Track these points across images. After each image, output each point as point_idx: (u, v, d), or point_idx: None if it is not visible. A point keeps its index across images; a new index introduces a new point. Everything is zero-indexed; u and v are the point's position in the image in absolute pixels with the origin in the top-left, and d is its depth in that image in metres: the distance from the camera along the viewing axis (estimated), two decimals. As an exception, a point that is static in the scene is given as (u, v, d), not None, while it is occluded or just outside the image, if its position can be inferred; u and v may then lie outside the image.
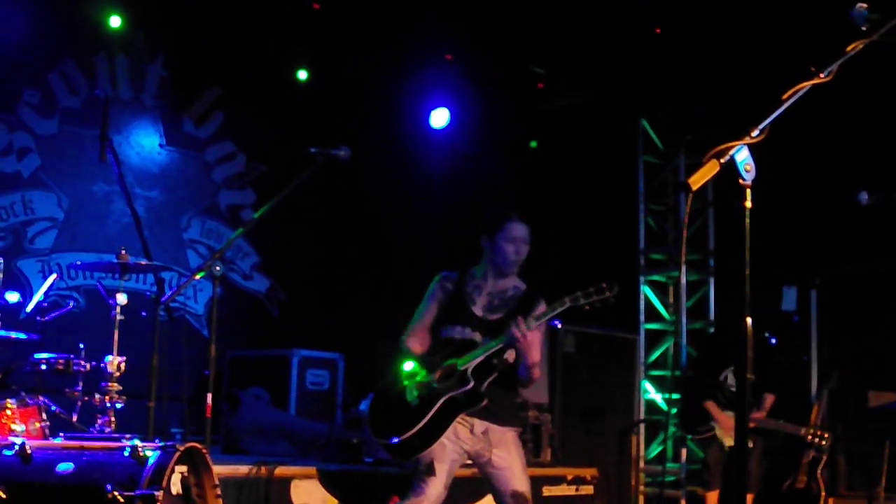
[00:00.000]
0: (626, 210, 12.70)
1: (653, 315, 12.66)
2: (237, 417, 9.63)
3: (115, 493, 5.08)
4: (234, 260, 11.87)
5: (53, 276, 7.95)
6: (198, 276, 6.47)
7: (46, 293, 7.46)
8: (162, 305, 6.57)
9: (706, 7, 10.37)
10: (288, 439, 9.45)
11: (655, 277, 12.72)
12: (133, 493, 5.11)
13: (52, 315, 7.35)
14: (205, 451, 5.68)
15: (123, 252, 6.77)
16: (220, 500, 5.70)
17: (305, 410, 10.39)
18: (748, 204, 3.57)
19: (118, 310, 6.60)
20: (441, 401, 5.99)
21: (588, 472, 9.53)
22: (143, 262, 6.96)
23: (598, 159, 12.58)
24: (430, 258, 12.69)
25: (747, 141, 3.57)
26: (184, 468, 5.53)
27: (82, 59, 10.97)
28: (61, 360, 6.87)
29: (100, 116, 7.17)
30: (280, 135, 11.84)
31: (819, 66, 3.68)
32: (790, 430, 9.43)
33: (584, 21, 11.04)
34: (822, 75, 3.67)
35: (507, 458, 6.14)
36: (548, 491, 9.01)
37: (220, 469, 6.00)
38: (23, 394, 6.61)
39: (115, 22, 10.90)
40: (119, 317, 6.61)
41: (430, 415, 5.97)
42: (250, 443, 9.29)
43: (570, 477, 9.32)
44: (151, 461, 5.26)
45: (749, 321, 3.54)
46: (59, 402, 6.89)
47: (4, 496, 5.24)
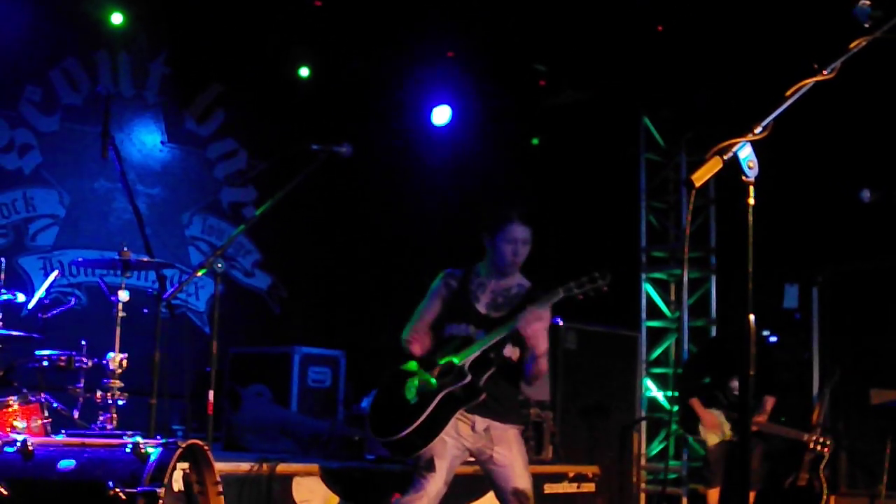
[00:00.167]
0: (627, 207, 12.69)
1: (654, 312, 12.65)
2: (239, 414, 9.62)
3: (117, 490, 5.08)
4: (236, 257, 11.87)
5: (55, 273, 7.96)
6: (199, 273, 6.47)
7: (48, 290, 7.45)
8: (164, 302, 6.57)
9: (708, 4, 10.36)
10: (289, 436, 9.44)
11: (657, 275, 12.70)
12: (135, 490, 5.10)
13: (54, 312, 7.35)
14: (206, 448, 5.68)
15: (125, 249, 6.76)
16: (222, 498, 5.70)
17: (307, 407, 10.39)
18: (751, 201, 3.57)
19: (120, 307, 6.60)
20: (439, 396, 5.99)
21: (589, 470, 9.52)
22: (145, 259, 6.96)
23: (599, 156, 12.57)
24: (432, 255, 12.71)
25: (750, 138, 3.57)
26: (185, 465, 5.52)
27: (84, 56, 10.98)
28: (63, 357, 6.87)
29: (101, 113, 7.18)
30: (282, 132, 11.85)
31: (822, 63, 3.67)
32: (792, 436, 9.44)
33: (586, 18, 11.02)
34: (825, 72, 3.66)
35: (509, 455, 6.14)
36: (549, 488, 9.00)
37: (221, 466, 6.00)
38: (25, 391, 6.60)
39: (116, 19, 10.91)
40: (121, 314, 6.61)
41: (428, 411, 5.98)
42: (252, 440, 9.28)
43: (571, 474, 9.31)
44: (153, 458, 5.25)
45: (752, 318, 3.54)
46: (60, 398, 6.89)
47: (6, 493, 5.23)
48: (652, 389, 12.51)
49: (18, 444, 5.42)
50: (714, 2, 10.33)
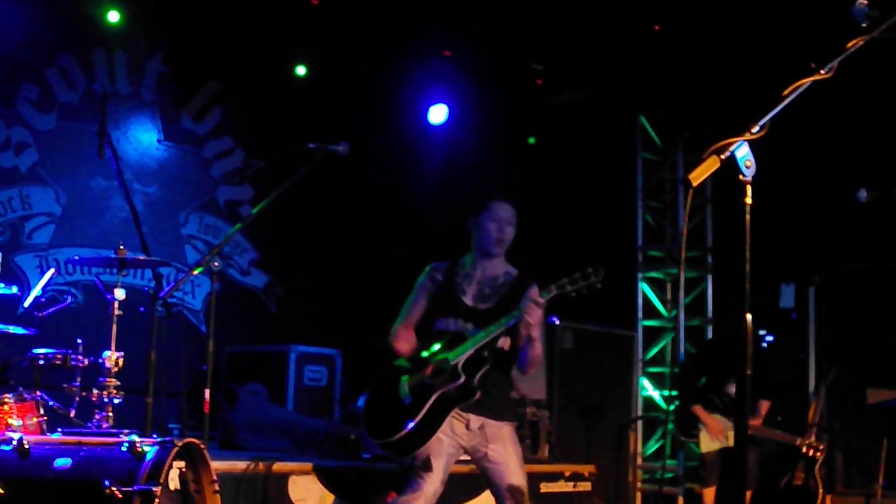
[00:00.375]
0: (624, 207, 12.70)
1: (651, 312, 12.66)
2: (235, 413, 9.62)
3: (113, 489, 5.07)
4: (232, 255, 11.86)
5: (51, 272, 7.95)
6: (196, 272, 6.48)
7: (44, 288, 7.45)
8: (160, 301, 6.56)
9: (705, 4, 10.37)
10: (286, 435, 9.44)
11: (653, 274, 12.72)
12: (131, 489, 5.09)
13: (50, 310, 7.33)
14: (203, 446, 5.68)
15: (121, 247, 6.75)
16: (218, 496, 5.70)
17: (303, 406, 10.38)
18: (748, 200, 3.57)
19: (116, 305, 6.59)
20: (434, 397, 5.98)
21: (586, 469, 9.52)
22: (142, 258, 6.95)
23: (596, 156, 12.58)
24: (429, 254, 12.65)
25: (747, 137, 3.56)
26: (182, 464, 5.52)
27: (81, 55, 10.96)
28: (59, 356, 6.87)
29: (98, 112, 7.16)
30: (278, 130, 11.84)
31: (819, 62, 3.67)
32: (786, 440, 9.45)
33: (583, 18, 11.03)
34: (822, 72, 3.66)
35: (504, 452, 6.13)
36: (545, 487, 9.00)
37: (217, 465, 5.99)
38: (20, 389, 6.61)
39: (113, 17, 10.88)
40: (117, 312, 6.60)
41: (423, 411, 5.97)
42: (248, 438, 9.28)
43: (567, 473, 9.31)
44: (149, 457, 5.25)
45: (749, 318, 3.54)
46: (56, 397, 6.88)
47: (2, 492, 5.23)
48: (648, 389, 12.53)
49: (14, 443, 5.41)
50: (711, 1, 10.33)
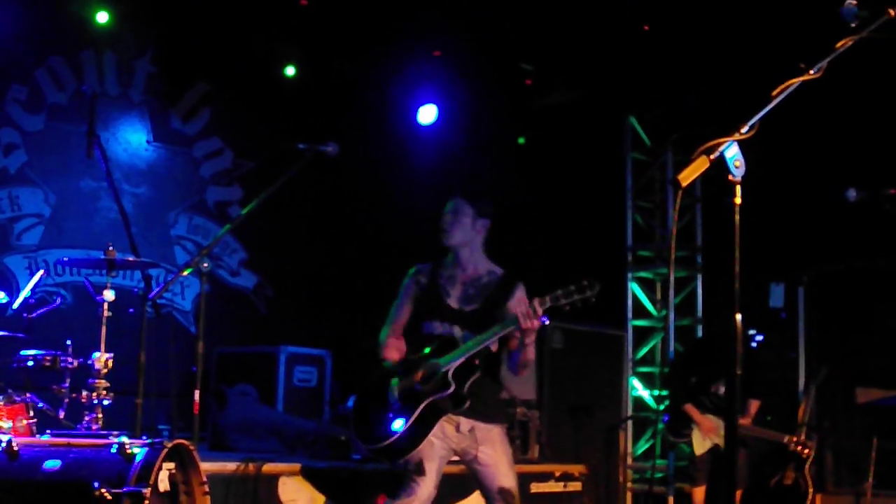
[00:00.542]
0: (613, 207, 12.71)
1: (640, 312, 12.67)
2: (225, 414, 9.62)
3: (103, 491, 5.07)
4: (222, 256, 11.84)
5: (40, 273, 7.94)
6: (185, 273, 6.46)
7: (33, 290, 7.43)
8: (149, 302, 6.56)
9: (694, 4, 10.37)
10: (275, 436, 9.43)
11: (643, 274, 12.73)
12: (120, 491, 5.09)
13: (39, 312, 7.32)
14: (192, 447, 5.67)
15: (111, 248, 6.73)
16: (208, 497, 5.70)
17: (293, 407, 10.37)
18: (738, 200, 3.57)
19: (105, 306, 6.57)
20: (423, 404, 5.96)
21: (576, 469, 9.53)
22: (131, 259, 6.94)
23: (585, 156, 12.58)
24: (419, 255, 12.67)
25: (737, 137, 3.56)
26: (171, 465, 5.51)
27: (70, 55, 10.93)
28: (48, 357, 6.85)
29: (87, 112, 7.16)
30: (268, 131, 11.82)
31: (808, 62, 3.67)
32: (774, 438, 9.46)
33: (573, 18, 11.03)
34: (811, 72, 3.66)
35: (494, 454, 6.11)
36: (536, 487, 9.00)
37: (207, 466, 5.99)
38: (10, 391, 6.59)
39: (102, 17, 10.86)
40: (106, 313, 6.57)
41: (412, 418, 5.95)
42: (238, 439, 9.27)
43: (557, 473, 9.31)
44: (139, 458, 5.25)
45: (739, 318, 3.54)
46: (46, 398, 6.87)
47: (-9, 493, 5.22)
48: (638, 388, 12.53)
49: (3, 445, 5.41)
50: (700, 1, 10.34)
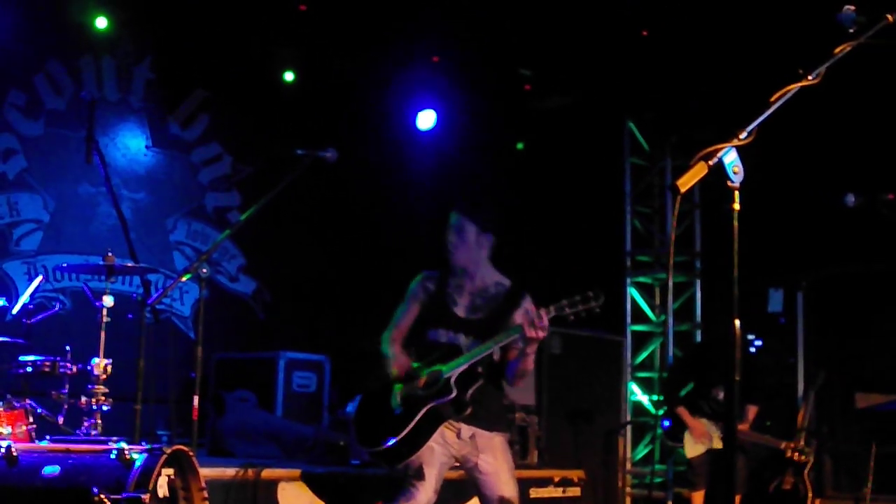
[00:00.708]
0: (612, 212, 12.71)
1: (639, 317, 12.67)
2: (223, 420, 9.62)
3: (102, 497, 5.07)
4: (221, 262, 11.84)
5: (39, 279, 7.92)
6: (184, 279, 6.47)
7: (32, 295, 7.42)
8: (148, 307, 6.56)
9: (693, 9, 10.37)
10: (274, 441, 9.44)
11: (642, 279, 12.74)
12: (120, 497, 5.09)
13: (38, 317, 7.31)
14: (191, 453, 5.67)
15: (110, 254, 6.73)
16: (207, 503, 5.69)
17: (292, 412, 10.37)
18: (736, 206, 3.56)
19: (104, 312, 6.57)
20: (424, 409, 5.94)
21: (575, 474, 9.53)
22: (130, 265, 6.95)
23: (584, 161, 12.58)
24: (417, 260, 12.65)
25: (735, 143, 3.56)
26: (170, 471, 5.51)
27: (68, 61, 10.93)
28: (47, 363, 6.84)
29: (86, 118, 7.16)
30: (266, 136, 11.82)
31: (807, 68, 3.67)
32: (771, 444, 9.47)
33: (571, 23, 11.04)
34: (809, 77, 3.66)
35: (494, 463, 6.09)
36: (535, 493, 9.00)
37: (206, 471, 5.99)
38: (9, 396, 6.58)
39: (101, 23, 10.86)
40: (105, 319, 6.58)
41: (413, 422, 5.93)
42: (236, 445, 9.28)
43: (556, 479, 9.31)
44: (138, 464, 5.24)
45: (738, 323, 3.54)
46: (45, 404, 6.86)
47: (-10, 499, 5.22)
48: (637, 393, 12.54)
49: (3, 450, 5.40)
50: (699, 7, 10.34)
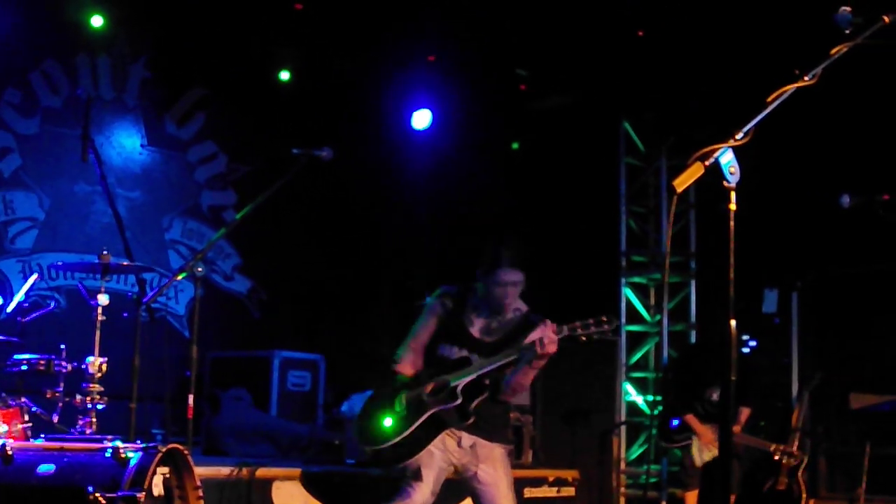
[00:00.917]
0: (607, 212, 12.70)
1: (634, 317, 12.66)
2: (218, 418, 9.61)
3: (97, 495, 5.06)
4: (216, 261, 11.84)
5: (34, 277, 7.91)
6: (179, 277, 6.48)
7: (27, 294, 7.41)
8: (143, 306, 6.56)
9: (689, 10, 10.37)
10: (269, 440, 9.44)
11: (636, 279, 12.72)
12: (115, 495, 5.09)
13: (33, 316, 7.30)
14: (186, 452, 5.67)
15: (105, 252, 6.73)
16: (202, 502, 5.69)
17: (287, 412, 10.38)
18: (732, 206, 3.57)
19: (99, 310, 6.57)
20: (427, 413, 5.97)
21: (569, 474, 9.53)
22: (125, 263, 6.95)
23: (579, 161, 12.57)
24: (412, 260, 12.72)
25: (732, 143, 3.56)
26: (165, 469, 5.51)
27: (64, 59, 10.93)
28: (42, 361, 6.83)
29: (81, 116, 7.18)
30: (262, 135, 11.82)
31: (803, 68, 3.67)
32: (761, 447, 9.48)
33: (567, 23, 11.03)
34: (806, 78, 3.66)
35: (494, 474, 6.10)
36: (529, 493, 9.01)
37: (201, 470, 5.98)
38: (3, 395, 6.57)
39: (97, 22, 10.85)
40: (100, 317, 6.58)
41: (415, 425, 5.96)
42: (231, 444, 9.27)
43: (551, 478, 9.32)
44: (133, 462, 5.24)
45: (733, 323, 3.54)
46: (40, 403, 6.85)
47: (-15, 497, 5.22)
48: (632, 394, 12.53)
49: (-3, 449, 5.40)
50: (695, 7, 10.34)
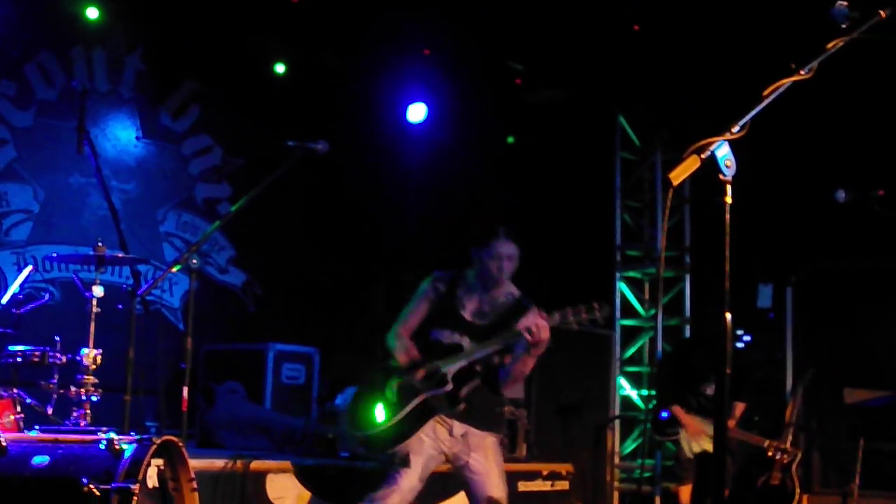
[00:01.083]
0: (602, 206, 12.71)
1: (628, 311, 12.67)
2: (213, 411, 9.60)
3: (91, 487, 5.06)
4: (210, 253, 11.83)
5: (29, 269, 7.90)
6: (174, 270, 6.46)
7: (22, 285, 7.40)
8: (138, 298, 6.54)
9: (685, 4, 10.37)
10: (263, 433, 9.43)
11: (631, 273, 12.73)
12: (109, 487, 5.08)
13: (28, 307, 7.28)
14: (181, 444, 5.67)
15: (100, 244, 6.72)
16: (196, 494, 5.69)
17: (281, 405, 10.37)
18: (728, 199, 3.57)
19: (94, 302, 6.56)
20: (417, 399, 5.98)
21: (563, 468, 9.53)
22: (120, 255, 6.93)
23: (575, 155, 12.57)
24: (407, 253, 12.71)
25: (728, 137, 3.57)
26: (160, 461, 5.51)
27: (59, 51, 10.91)
28: (37, 353, 6.81)
29: (76, 109, 7.14)
30: (257, 128, 11.80)
31: (799, 63, 3.68)
32: (755, 442, 9.49)
33: (563, 17, 11.03)
34: (802, 72, 3.67)
35: (485, 463, 6.11)
36: (523, 486, 9.01)
37: (195, 463, 5.98)
38: (-3, 386, 6.58)
39: (92, 14, 10.84)
40: (95, 309, 6.56)
41: (405, 411, 5.97)
42: (225, 436, 9.27)
43: (545, 472, 9.32)
44: (127, 454, 5.24)
45: (728, 317, 3.54)
46: (34, 394, 6.84)
47: (-21, 489, 5.21)
48: (626, 388, 12.54)
49: (-9, 440, 5.39)
50: (691, 1, 10.34)
